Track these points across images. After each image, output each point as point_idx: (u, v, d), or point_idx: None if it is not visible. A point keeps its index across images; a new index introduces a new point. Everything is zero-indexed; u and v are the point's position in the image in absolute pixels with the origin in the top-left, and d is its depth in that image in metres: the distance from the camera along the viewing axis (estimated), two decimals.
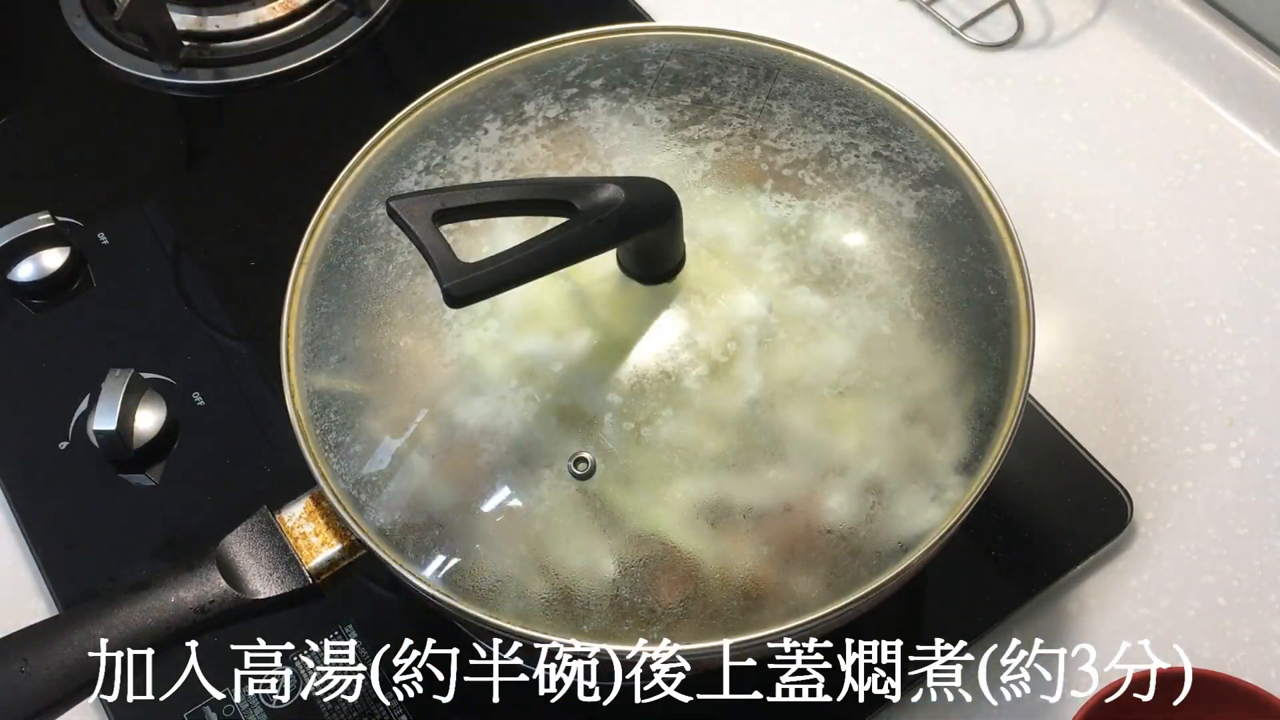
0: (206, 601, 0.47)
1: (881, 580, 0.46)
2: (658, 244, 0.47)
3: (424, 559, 0.47)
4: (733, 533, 0.46)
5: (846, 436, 0.47)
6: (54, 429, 0.65)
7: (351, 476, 0.48)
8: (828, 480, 0.46)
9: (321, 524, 0.49)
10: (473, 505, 0.47)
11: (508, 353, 0.48)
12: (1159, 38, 0.78)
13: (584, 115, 0.53)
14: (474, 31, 0.82)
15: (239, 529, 0.49)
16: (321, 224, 0.54)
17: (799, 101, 0.53)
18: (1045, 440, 0.63)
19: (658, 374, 0.47)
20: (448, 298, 0.40)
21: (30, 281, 0.70)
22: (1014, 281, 0.51)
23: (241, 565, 0.48)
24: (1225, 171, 0.73)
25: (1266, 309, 0.68)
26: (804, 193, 0.51)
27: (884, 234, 0.50)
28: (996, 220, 0.52)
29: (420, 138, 0.54)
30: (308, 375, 0.50)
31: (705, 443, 0.46)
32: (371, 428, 0.49)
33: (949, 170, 0.53)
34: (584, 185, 0.44)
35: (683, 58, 0.55)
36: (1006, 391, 0.49)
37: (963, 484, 0.47)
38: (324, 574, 0.49)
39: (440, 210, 0.41)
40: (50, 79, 0.82)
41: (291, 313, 0.52)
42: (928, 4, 0.81)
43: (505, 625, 0.45)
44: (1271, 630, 0.59)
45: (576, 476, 0.46)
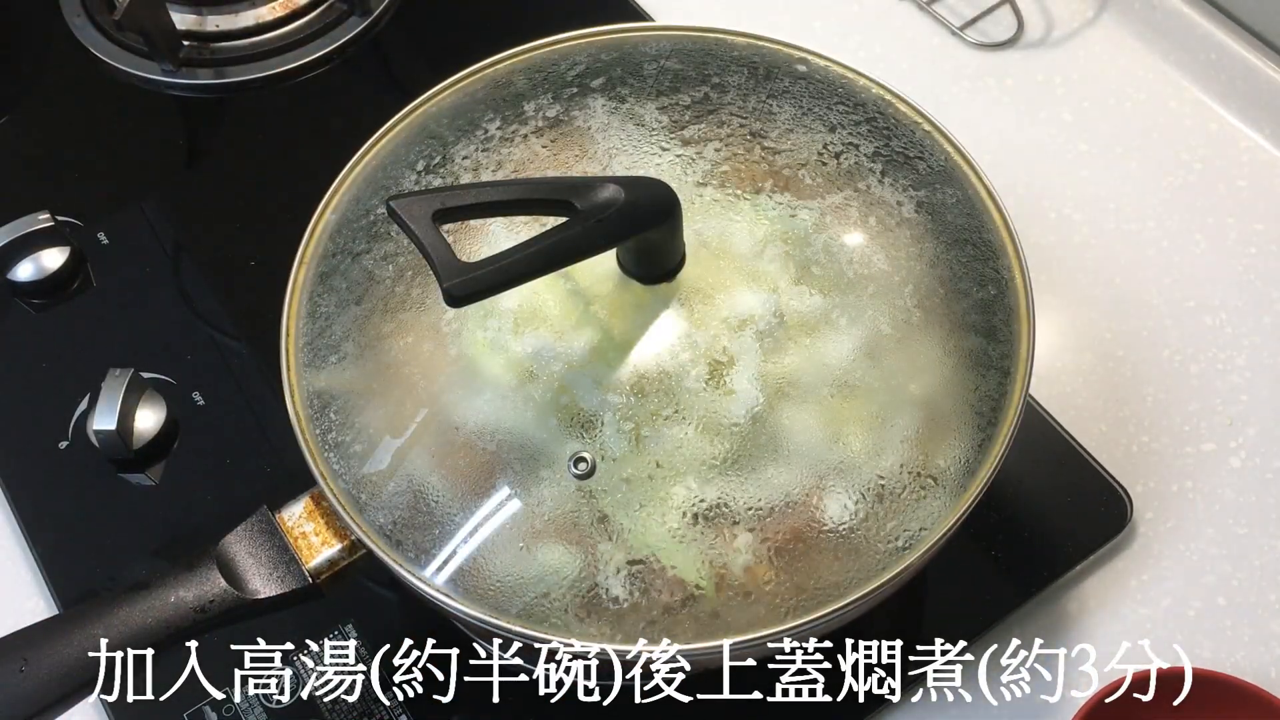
0: (206, 601, 0.47)
1: (882, 580, 0.46)
2: (658, 244, 0.47)
3: (424, 559, 0.47)
4: (733, 532, 0.46)
5: (846, 437, 0.47)
6: (54, 429, 0.65)
7: (351, 476, 0.48)
8: (828, 480, 0.46)
9: (321, 524, 0.49)
10: (472, 505, 0.47)
11: (508, 353, 0.48)
12: (1159, 37, 0.78)
13: (584, 115, 0.53)
14: (474, 31, 0.81)
15: (239, 529, 0.49)
16: (321, 224, 0.54)
17: (799, 101, 0.53)
18: (1045, 440, 0.63)
19: (658, 374, 0.47)
20: (448, 297, 0.40)
21: (30, 281, 0.70)
22: (1014, 281, 0.51)
23: (241, 565, 0.48)
24: (1225, 171, 0.73)
25: (1266, 309, 0.68)
26: (804, 192, 0.51)
27: (884, 234, 0.50)
28: (996, 219, 0.52)
29: (420, 138, 0.54)
30: (307, 375, 0.50)
31: (705, 443, 0.46)
32: (371, 427, 0.49)
33: (949, 169, 0.53)
34: (584, 185, 0.44)
35: (682, 57, 0.55)
36: (1007, 391, 0.49)
37: (962, 484, 0.47)
38: (324, 574, 0.49)
39: (440, 210, 0.41)
40: (50, 79, 0.82)
41: (291, 312, 0.52)
42: (928, 4, 0.81)
43: (505, 625, 0.45)
44: (1271, 630, 0.59)
45: (577, 476, 0.46)
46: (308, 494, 0.50)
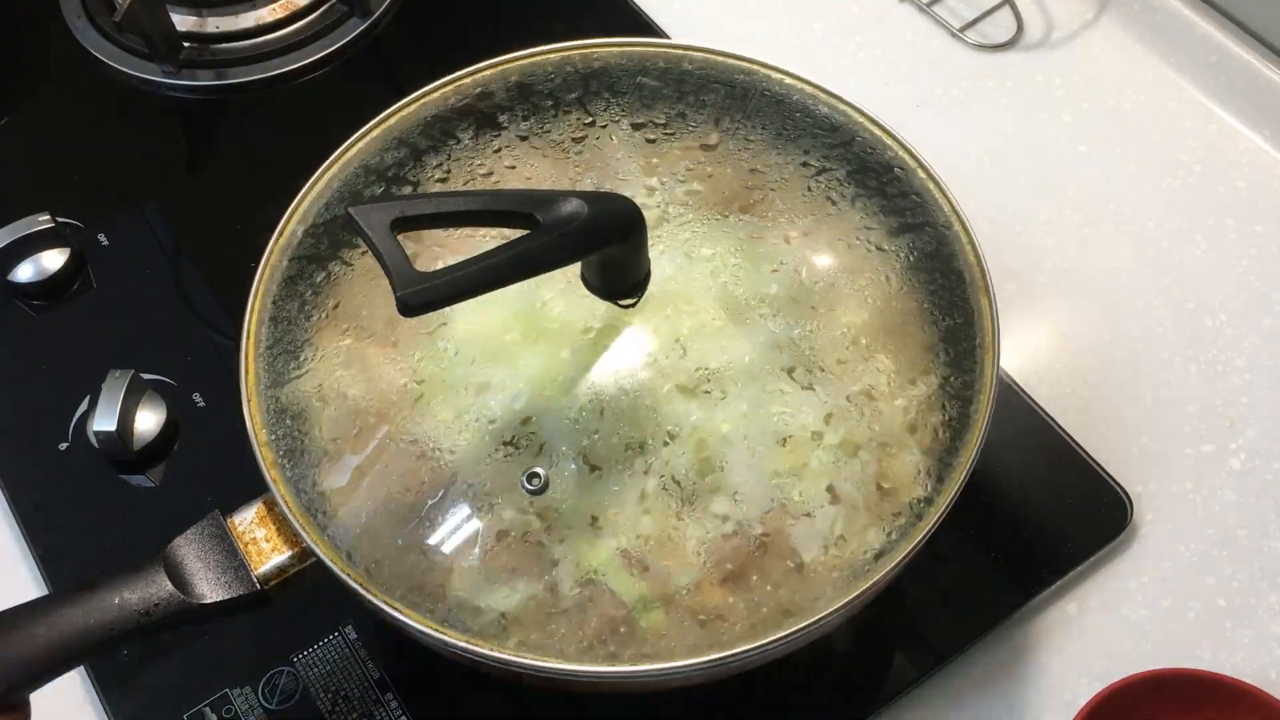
0: (152, 605, 0.46)
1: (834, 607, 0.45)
2: (621, 260, 0.47)
3: (375, 569, 0.46)
4: (693, 548, 0.46)
5: (808, 453, 0.47)
6: (54, 430, 0.65)
7: (306, 483, 0.48)
8: (794, 496, 0.46)
9: (273, 530, 0.48)
10: (425, 518, 0.47)
11: (466, 367, 0.48)
12: (1159, 38, 0.78)
13: (557, 129, 0.53)
14: (474, 32, 0.81)
15: (188, 532, 0.48)
16: (287, 231, 0.53)
17: (773, 123, 0.53)
18: (1045, 441, 0.63)
19: (616, 391, 0.47)
20: (402, 306, 0.39)
21: (30, 282, 0.70)
22: (981, 308, 0.50)
23: (189, 569, 0.47)
24: (1225, 172, 0.73)
25: (1266, 309, 0.68)
26: (773, 215, 0.51)
27: (852, 258, 0.51)
28: (966, 245, 0.51)
29: (390, 148, 0.54)
30: (266, 381, 0.50)
31: (664, 458, 0.46)
32: (328, 436, 0.49)
33: (921, 195, 0.52)
34: (547, 198, 0.43)
35: (661, 75, 0.55)
36: (970, 422, 0.48)
37: (919, 513, 0.47)
38: (273, 580, 0.47)
39: (399, 219, 0.41)
40: (50, 79, 0.82)
41: (252, 320, 0.51)
42: (928, 5, 0.81)
43: (453, 640, 0.45)
44: (1271, 631, 0.59)
45: (530, 492, 0.46)
46: (260, 499, 0.49)
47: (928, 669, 0.57)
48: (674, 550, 0.46)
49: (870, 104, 0.54)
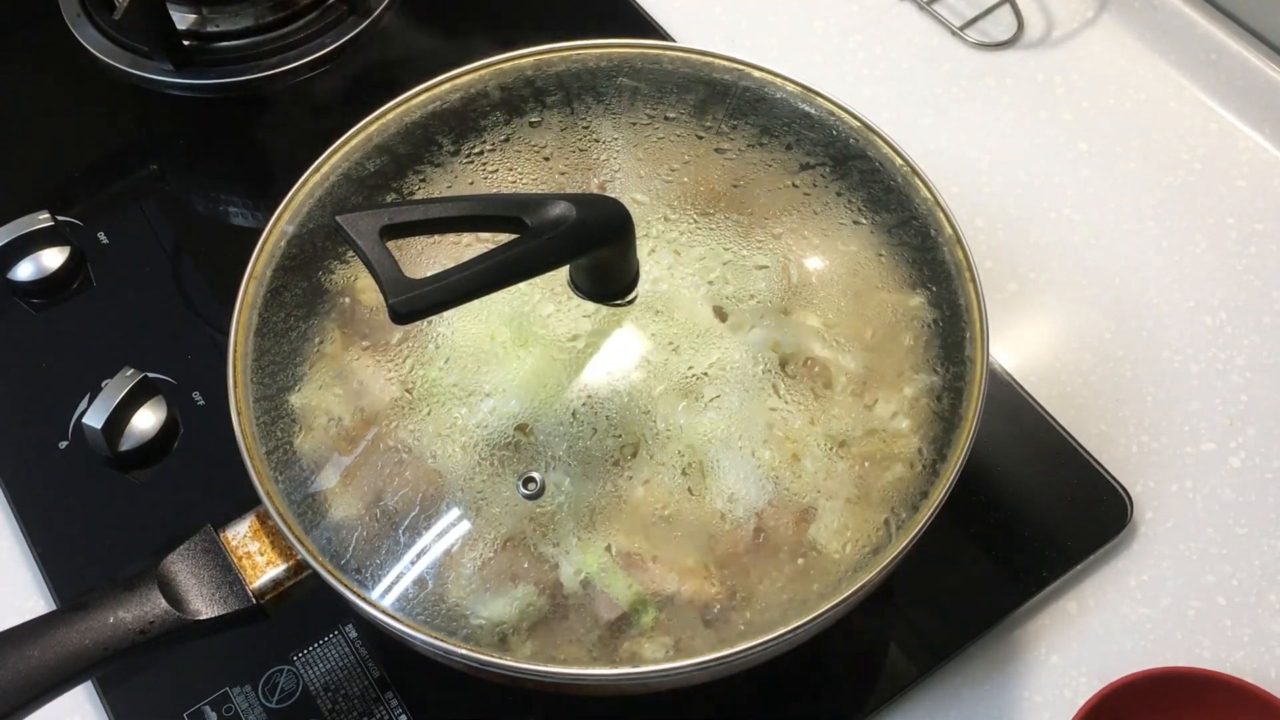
0: (147, 623, 0.45)
1: (832, 604, 0.45)
2: (610, 263, 0.47)
3: (370, 580, 0.46)
4: (689, 548, 0.46)
5: (801, 451, 0.47)
6: (54, 429, 0.65)
7: (298, 495, 0.47)
8: (788, 494, 0.46)
9: (266, 543, 0.48)
10: (420, 525, 0.47)
11: (458, 372, 0.48)
12: (1159, 37, 0.78)
13: (541, 131, 0.53)
14: (473, 31, 0.81)
15: (181, 547, 0.47)
16: (272, 238, 0.53)
17: (757, 121, 0.53)
18: (1045, 440, 0.63)
19: (609, 393, 0.47)
20: (393, 314, 0.39)
21: (30, 281, 0.70)
22: (969, 306, 0.50)
23: (183, 585, 0.47)
24: (1225, 171, 0.73)
25: (1266, 309, 0.68)
26: (759, 213, 0.51)
27: (836, 248, 0.50)
28: (953, 241, 0.51)
29: (374, 154, 0.54)
30: (255, 391, 0.49)
31: (658, 459, 0.46)
32: (320, 446, 0.48)
33: (907, 192, 0.53)
34: (535, 202, 0.43)
35: (645, 75, 0.55)
36: (958, 421, 0.48)
37: (905, 516, 0.47)
38: (268, 594, 0.47)
39: (388, 225, 0.41)
40: (50, 79, 0.82)
41: (239, 328, 0.51)
42: (927, 4, 0.81)
43: (452, 649, 0.45)
44: (1271, 630, 0.59)
45: (526, 497, 0.46)
46: (253, 513, 0.48)
47: (927, 667, 0.57)
48: (670, 551, 0.46)
49: (869, 103, 0.54)
